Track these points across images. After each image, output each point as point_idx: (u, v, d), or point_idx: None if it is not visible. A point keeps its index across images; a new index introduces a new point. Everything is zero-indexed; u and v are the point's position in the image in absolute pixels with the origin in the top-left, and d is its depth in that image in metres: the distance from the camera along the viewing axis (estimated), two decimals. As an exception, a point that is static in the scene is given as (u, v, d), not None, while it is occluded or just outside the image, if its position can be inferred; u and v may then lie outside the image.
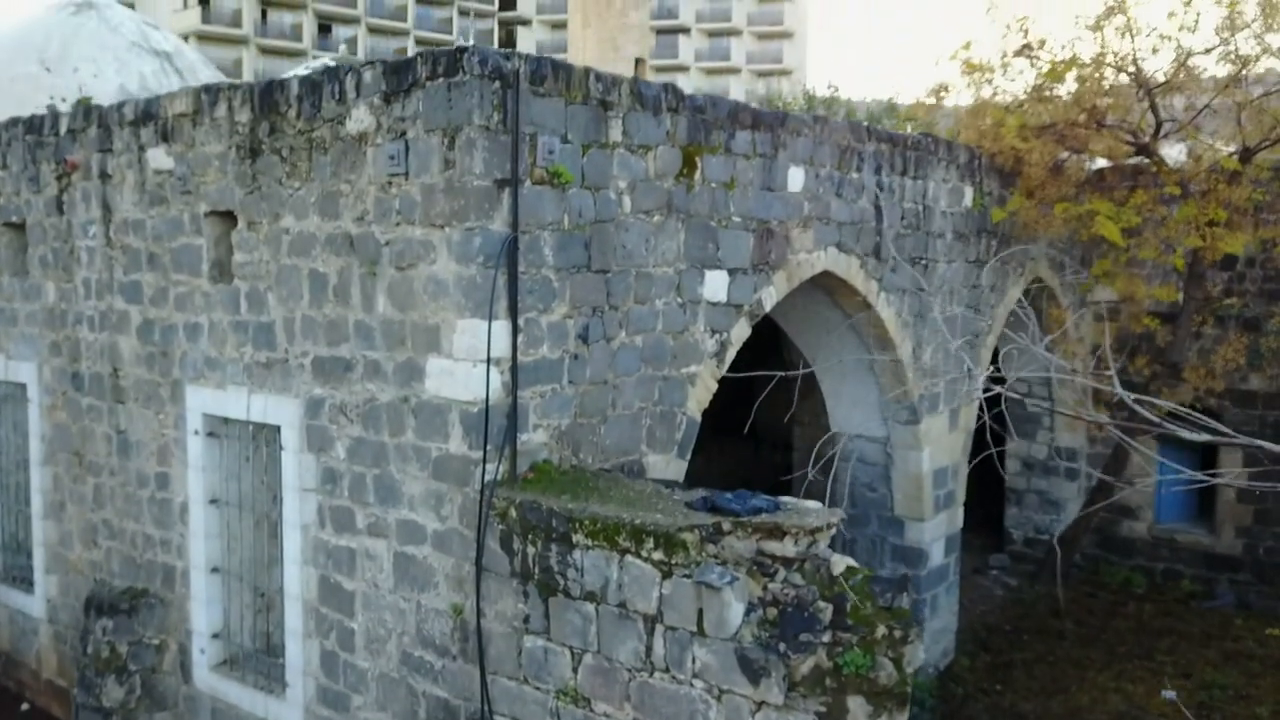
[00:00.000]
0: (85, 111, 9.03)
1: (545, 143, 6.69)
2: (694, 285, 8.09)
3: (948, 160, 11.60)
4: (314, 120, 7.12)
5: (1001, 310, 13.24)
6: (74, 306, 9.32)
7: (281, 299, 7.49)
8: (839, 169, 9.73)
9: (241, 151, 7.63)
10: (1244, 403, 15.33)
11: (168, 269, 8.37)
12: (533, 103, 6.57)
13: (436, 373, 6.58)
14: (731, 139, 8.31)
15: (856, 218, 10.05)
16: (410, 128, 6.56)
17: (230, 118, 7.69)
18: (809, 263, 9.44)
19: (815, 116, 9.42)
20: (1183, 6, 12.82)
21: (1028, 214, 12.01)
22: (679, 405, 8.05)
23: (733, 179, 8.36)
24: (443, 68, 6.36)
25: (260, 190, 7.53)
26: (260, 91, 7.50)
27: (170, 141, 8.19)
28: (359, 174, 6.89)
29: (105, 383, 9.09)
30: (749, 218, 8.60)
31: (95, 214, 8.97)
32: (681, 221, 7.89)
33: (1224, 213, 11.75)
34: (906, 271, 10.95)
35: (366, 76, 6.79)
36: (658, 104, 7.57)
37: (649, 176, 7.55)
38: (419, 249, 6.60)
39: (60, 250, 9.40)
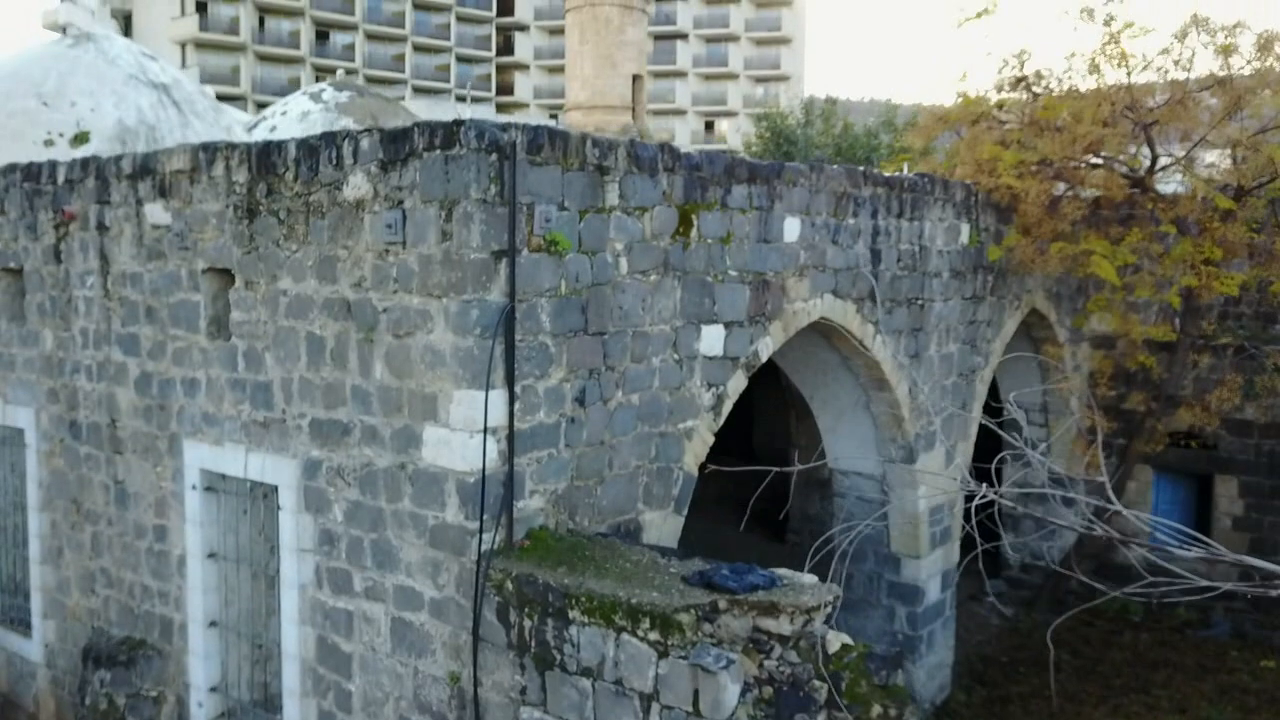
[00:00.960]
0: (83, 163, 9.04)
1: (542, 211, 6.71)
2: (690, 341, 8.12)
3: (944, 199, 11.63)
4: (311, 184, 7.14)
5: (998, 344, 13.28)
6: (71, 355, 9.33)
7: (279, 359, 7.51)
8: (835, 216, 9.76)
9: (239, 211, 7.64)
10: (1240, 432, 15.37)
11: (165, 323, 8.39)
12: (530, 172, 6.59)
13: (433, 442, 6.60)
14: (728, 194, 8.34)
15: (852, 263, 10.08)
16: (407, 197, 6.58)
17: (228, 177, 7.71)
18: (805, 311, 9.47)
19: (811, 164, 9.43)
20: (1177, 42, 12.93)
21: (1024, 252, 12.05)
22: (675, 461, 8.07)
23: (729, 233, 8.39)
24: (440, 140, 6.38)
25: (258, 251, 7.55)
26: (257, 152, 7.51)
27: (168, 197, 8.21)
28: (356, 240, 6.91)
29: (103, 433, 9.11)
30: (745, 270, 8.62)
31: (93, 265, 8.98)
32: (678, 279, 7.92)
33: (1219, 251, 11.80)
34: (903, 313, 10.98)
35: (364, 144, 6.81)
36: (654, 165, 7.59)
37: (645, 237, 7.58)
38: (416, 318, 6.62)
39: (58, 299, 9.41)
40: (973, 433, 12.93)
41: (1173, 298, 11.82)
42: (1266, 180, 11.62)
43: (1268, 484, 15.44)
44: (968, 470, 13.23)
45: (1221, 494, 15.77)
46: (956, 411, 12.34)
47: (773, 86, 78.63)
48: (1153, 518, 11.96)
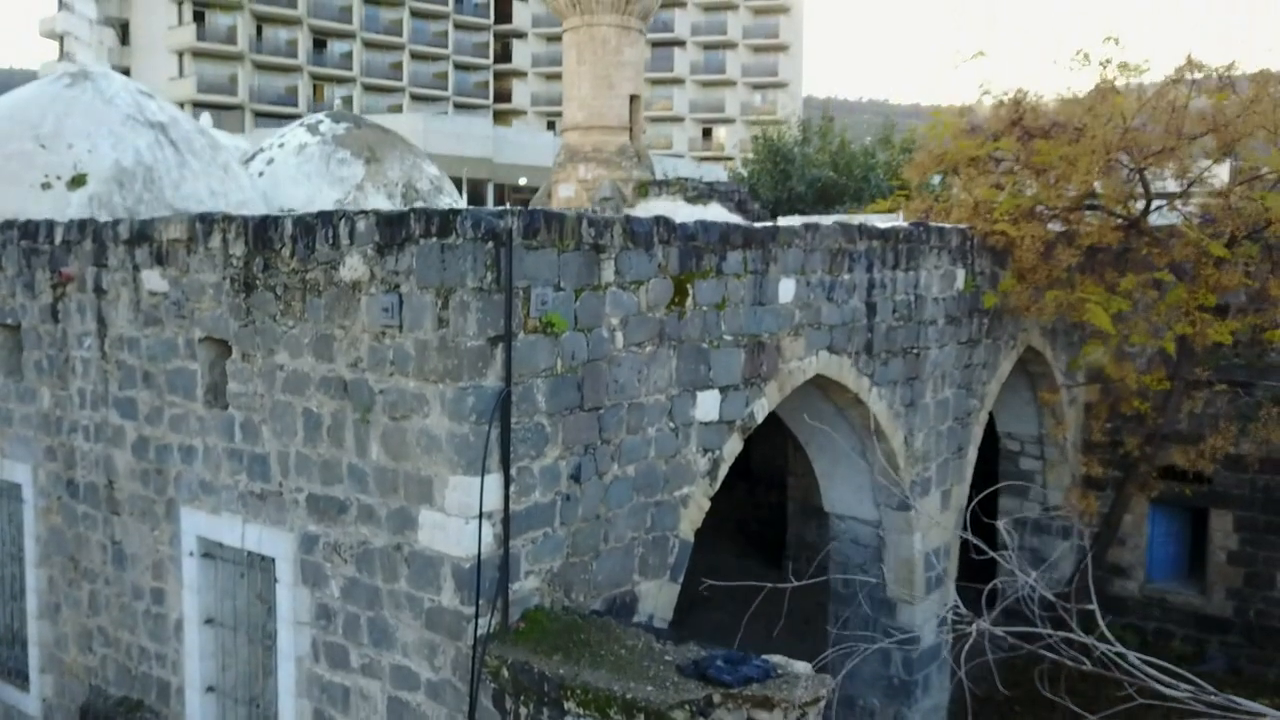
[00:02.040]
0: (80, 225, 9.07)
1: (539, 294, 6.75)
2: (686, 408, 8.15)
3: (940, 247, 11.67)
4: (308, 262, 7.17)
5: (994, 385, 13.32)
6: (69, 415, 9.36)
7: (276, 433, 7.54)
8: (830, 273, 9.80)
9: (235, 284, 7.67)
10: (1235, 466, 15.41)
11: (163, 389, 8.41)
12: (525, 257, 6.63)
13: (429, 525, 6.63)
14: (723, 261, 8.37)
15: (848, 318, 10.12)
16: (404, 282, 6.61)
17: (224, 249, 7.74)
18: (800, 370, 9.51)
19: (806, 225, 9.47)
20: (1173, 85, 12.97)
21: (1019, 298, 12.09)
22: (671, 529, 8.11)
23: (724, 299, 8.42)
24: (436, 227, 6.41)
25: (254, 324, 7.58)
26: (254, 226, 7.55)
27: (165, 265, 8.24)
28: (353, 320, 6.94)
29: (100, 493, 9.13)
30: (740, 334, 8.66)
31: (90, 327, 9.01)
32: (673, 348, 7.96)
33: (1212, 297, 11.84)
34: (898, 363, 11.02)
35: (360, 225, 6.85)
36: (649, 239, 7.63)
37: (641, 310, 7.61)
38: (412, 401, 6.65)
39: (55, 358, 9.44)
40: (968, 475, 12.97)
41: (1167, 344, 11.86)
42: (1262, 227, 11.66)
43: (1262, 519, 15.49)
44: (964, 513, 13.31)
45: (1217, 528, 15.82)
46: (952, 457, 12.39)
47: (770, 93, 78.77)
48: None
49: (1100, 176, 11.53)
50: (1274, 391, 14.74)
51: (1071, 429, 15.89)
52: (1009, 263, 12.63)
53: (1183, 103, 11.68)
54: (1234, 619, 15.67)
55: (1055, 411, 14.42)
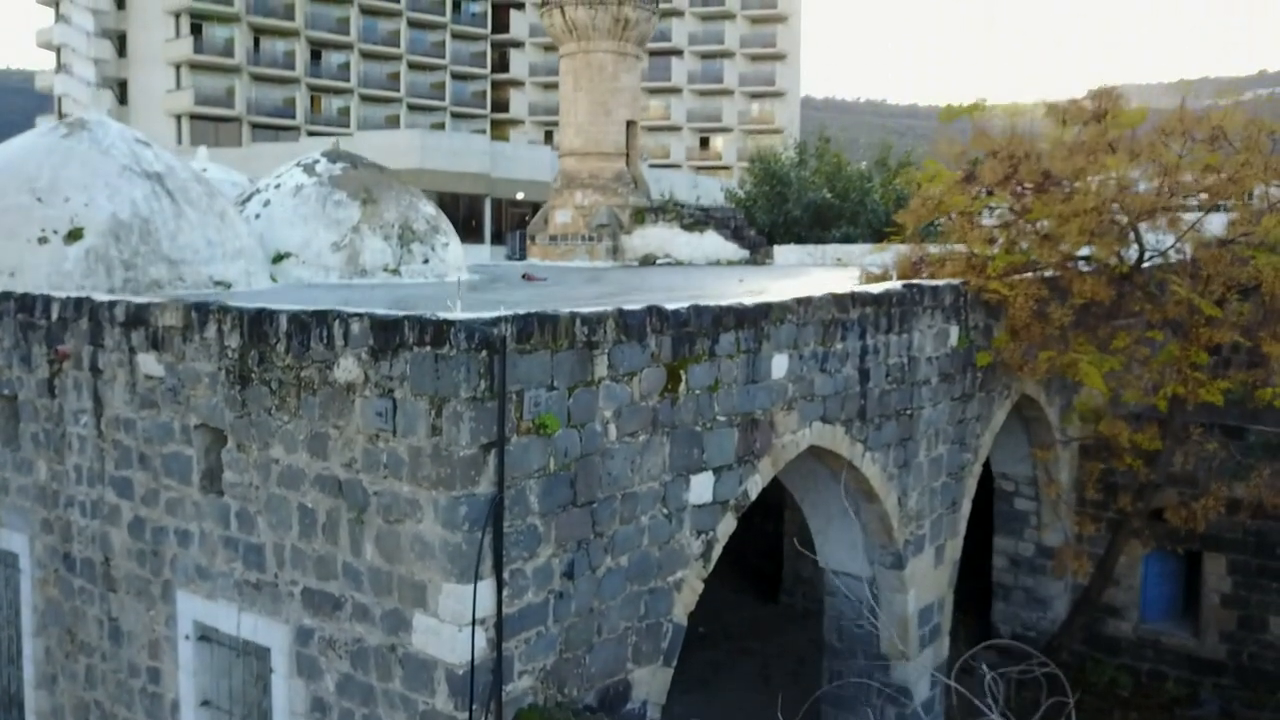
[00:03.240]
0: (76, 303, 9.11)
1: (532, 396, 6.80)
2: (679, 493, 8.20)
3: (933, 306, 11.73)
4: (303, 359, 7.21)
5: (987, 438, 13.38)
6: (65, 489, 9.40)
7: (271, 525, 7.58)
8: (823, 344, 9.85)
9: (231, 376, 7.72)
10: (1228, 510, 15.47)
11: (159, 472, 8.46)
12: (519, 362, 6.68)
13: (422, 629, 6.67)
14: (715, 344, 8.42)
15: (840, 387, 10.17)
16: (398, 388, 6.66)
17: (220, 340, 7.78)
18: (794, 443, 9.56)
19: (799, 300, 9.51)
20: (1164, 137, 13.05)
21: (1012, 356, 12.15)
22: (665, 615, 8.16)
23: (717, 381, 8.47)
24: (430, 336, 6.46)
25: (250, 416, 7.62)
26: (250, 319, 7.59)
27: (160, 350, 8.28)
28: (347, 421, 6.98)
29: (97, 569, 9.17)
30: (734, 413, 8.71)
31: (86, 404, 9.05)
32: (666, 435, 8.01)
33: (1205, 355, 11.90)
34: (892, 426, 11.08)
35: (354, 328, 6.89)
36: (642, 330, 7.68)
37: (634, 400, 7.66)
38: (406, 506, 6.69)
39: (52, 432, 9.48)
40: (962, 528, 13.03)
41: (1160, 402, 11.93)
42: (1253, 286, 11.72)
43: (1255, 563, 15.55)
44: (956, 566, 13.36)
45: (1210, 571, 15.88)
46: (946, 512, 12.44)
47: (768, 102, 78.85)
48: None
49: (1093, 237, 11.57)
50: (1266, 437, 14.82)
51: (1066, 469, 15.98)
52: (1003, 315, 12.70)
53: (1174, 164, 11.72)
54: (1227, 662, 15.72)
55: (1049, 468, 14.48)
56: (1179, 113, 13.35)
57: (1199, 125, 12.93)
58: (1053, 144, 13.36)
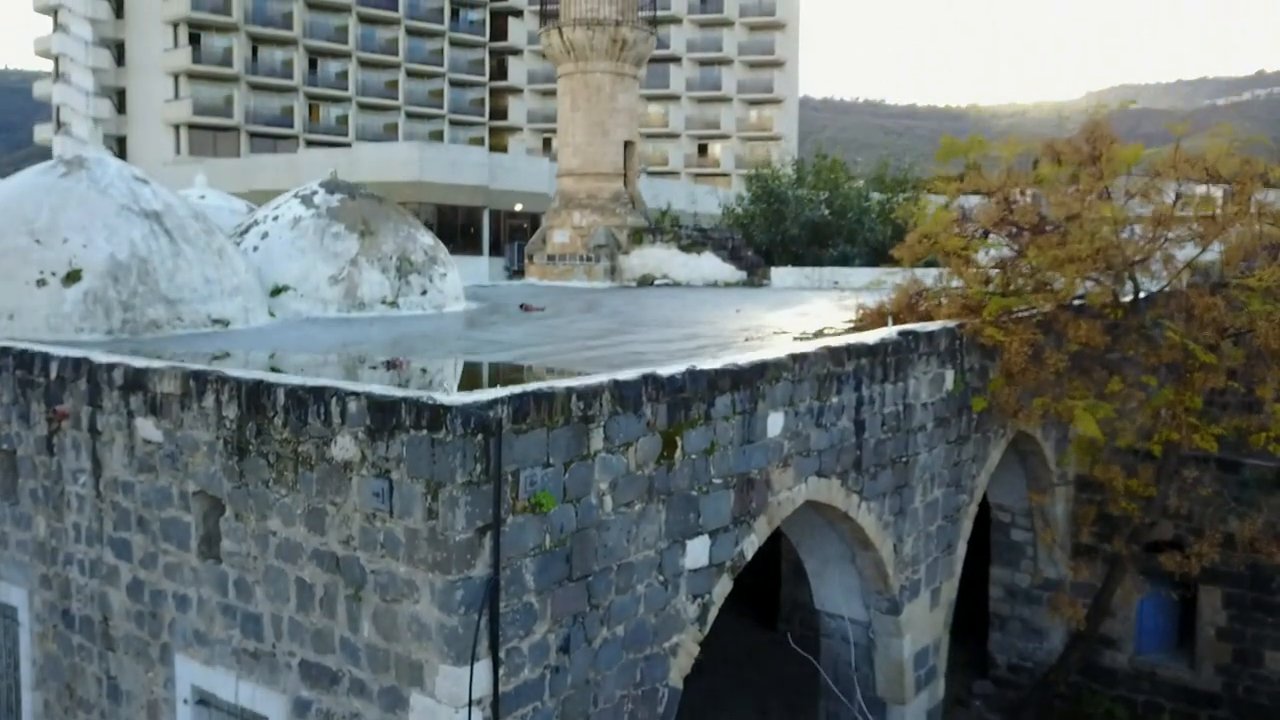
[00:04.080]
0: (75, 363, 9.14)
1: (527, 476, 6.84)
2: (675, 558, 8.24)
3: (929, 352, 11.78)
4: (300, 434, 7.25)
5: (983, 478, 13.43)
6: (64, 546, 9.43)
7: (269, 595, 7.62)
8: (818, 398, 9.89)
9: (229, 446, 7.76)
10: (1223, 543, 15.54)
11: (157, 536, 8.49)
12: (515, 443, 6.72)
13: (420, 709, 6.72)
14: (711, 407, 8.46)
15: (836, 440, 10.21)
16: (394, 469, 6.70)
17: (218, 410, 7.82)
18: (790, 500, 9.61)
19: (793, 355, 9.54)
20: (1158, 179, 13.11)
21: (1007, 402, 12.20)
22: (661, 680, 8.20)
23: (713, 444, 8.52)
24: (426, 420, 6.50)
25: (247, 487, 7.66)
26: (248, 390, 7.62)
27: (159, 415, 8.32)
28: (344, 498, 7.02)
29: (95, 627, 9.21)
30: (729, 475, 8.76)
31: (85, 465, 9.09)
32: (663, 502, 8.05)
33: (1199, 400, 11.96)
34: (887, 475, 11.12)
35: (351, 407, 6.93)
36: (638, 400, 7.72)
37: (630, 470, 7.70)
38: (403, 586, 6.74)
39: (50, 489, 9.51)
40: (958, 569, 13.08)
41: (1154, 447, 11.98)
42: (1246, 330, 11.78)
43: (1250, 596, 15.61)
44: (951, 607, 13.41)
45: (1205, 604, 15.93)
46: (941, 555, 12.49)
47: (766, 109, 78.97)
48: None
49: (1089, 284, 11.63)
50: (1261, 472, 14.88)
51: (1061, 503, 16.04)
52: (999, 356, 12.75)
53: (1168, 214, 11.78)
54: (1223, 695, 15.77)
55: (1045, 513, 14.53)
56: (1173, 154, 13.42)
57: (1192, 168, 12.99)
58: (1048, 184, 13.41)
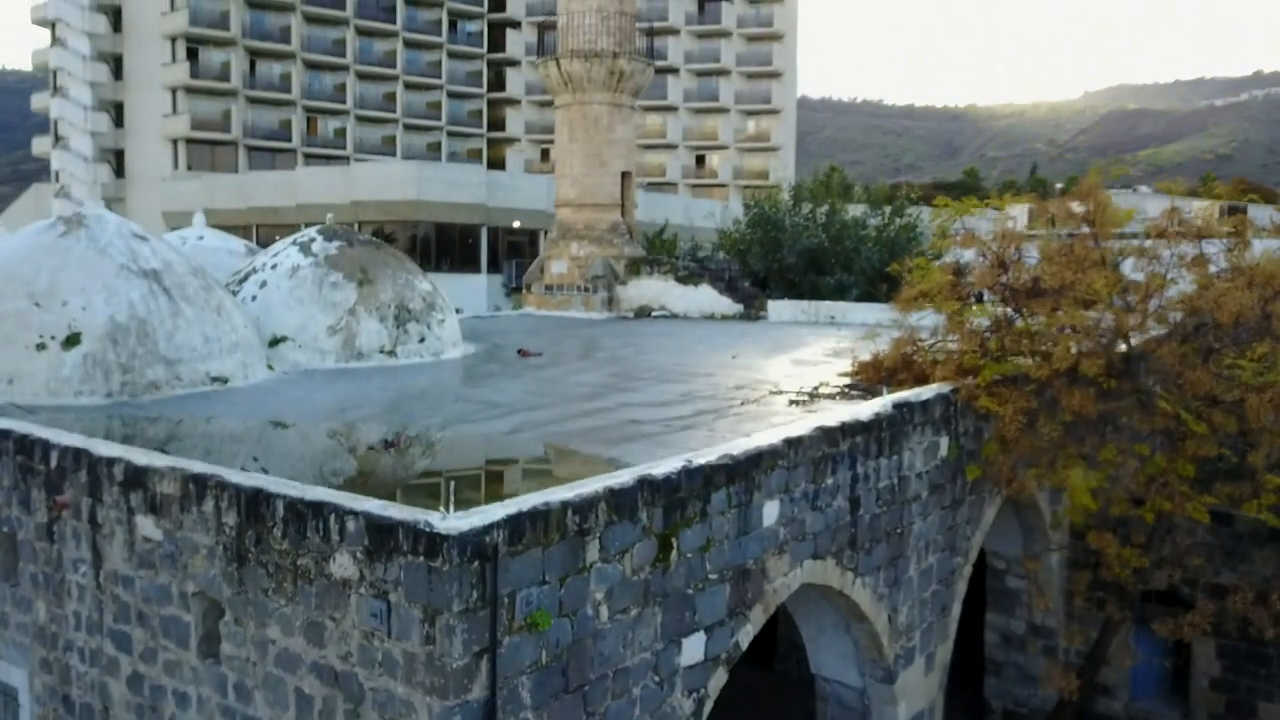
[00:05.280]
0: (75, 454, 9.20)
1: (524, 596, 6.91)
2: (671, 658, 8.31)
3: (924, 421, 11.85)
4: (299, 546, 7.32)
5: (978, 538, 13.52)
6: (65, 633, 9.50)
7: (269, 702, 7.69)
8: (814, 481, 9.96)
9: (229, 552, 7.82)
10: (1216, 594, 15.65)
11: (157, 632, 8.55)
12: (511, 565, 6.78)
13: (418, 829, 6.78)
14: (707, 504, 8.53)
15: (831, 521, 10.29)
16: (392, 591, 6.77)
17: (217, 516, 7.88)
18: (785, 586, 9.68)
19: (788, 441, 9.60)
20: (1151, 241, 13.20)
21: (1000, 470, 12.28)
22: (656, 777, 8.27)
23: (709, 540, 8.59)
24: (423, 547, 6.56)
25: (247, 595, 7.72)
26: (247, 499, 7.68)
27: (159, 515, 8.38)
28: (343, 614, 7.09)
29: (96, 715, 9.27)
30: (725, 569, 8.83)
31: (85, 555, 9.15)
32: (658, 604, 8.12)
33: (1191, 468, 12.04)
34: (882, 548, 11.20)
35: (350, 526, 6.99)
36: (634, 506, 7.78)
37: (626, 577, 7.77)
38: (401, 707, 6.80)
39: (51, 576, 9.58)
40: (952, 631, 13.16)
41: (1146, 514, 12.07)
42: (1238, 399, 11.85)
43: (1244, 647, 15.73)
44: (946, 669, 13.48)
45: (1199, 654, 16.06)
46: (936, 619, 12.57)
47: (764, 119, 79.02)
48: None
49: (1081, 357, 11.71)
50: (1254, 524, 14.97)
51: (1056, 555, 16.14)
52: (993, 420, 12.82)
53: (1159, 284, 11.87)
54: (1216, 745, 15.90)
55: (1038, 577, 14.60)
56: (1167, 215, 13.52)
57: (1184, 234, 13.09)
58: (1042, 247, 13.50)
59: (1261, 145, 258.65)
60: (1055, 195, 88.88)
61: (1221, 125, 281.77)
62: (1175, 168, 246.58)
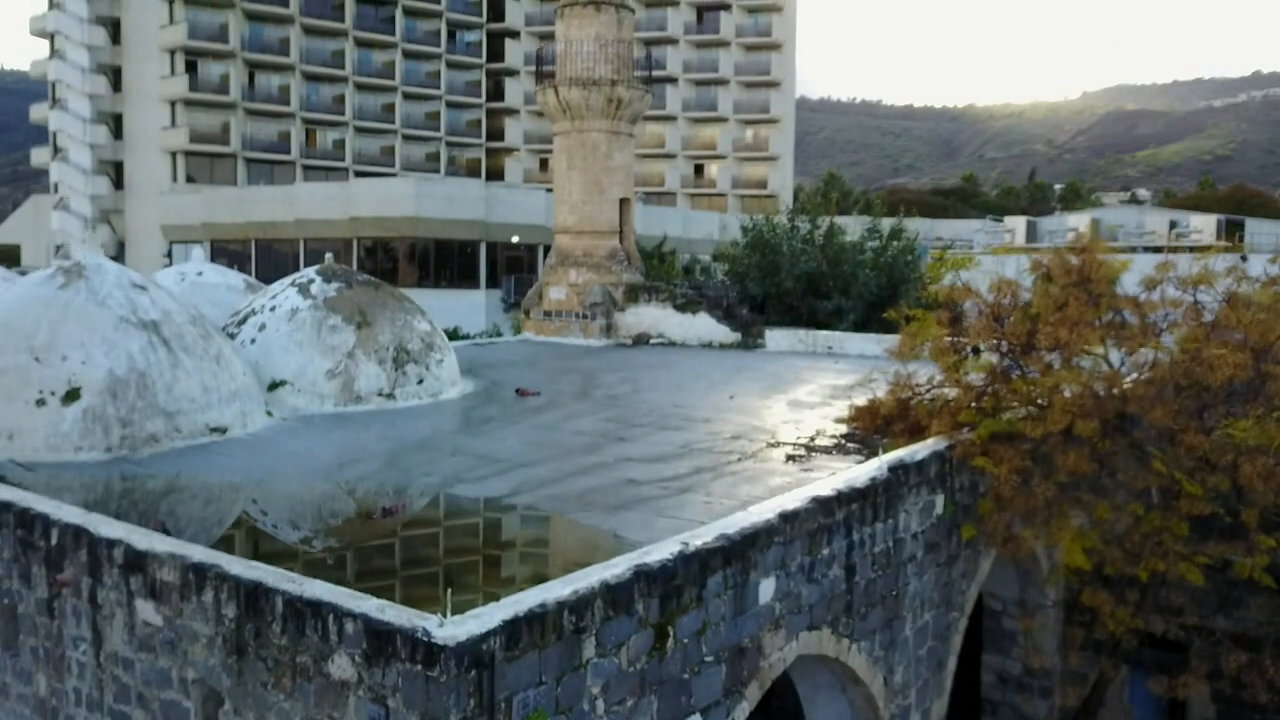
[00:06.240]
0: (75, 533, 9.26)
1: (520, 699, 6.97)
2: (667, 743, 8.38)
3: (919, 482, 11.92)
4: (298, 644, 7.38)
5: (973, 591, 13.59)
6: (65, 708, 9.55)
7: (268, 794, 7.75)
8: (809, 553, 10.03)
9: (228, 644, 7.88)
10: (1211, 638, 15.72)
11: (157, 715, 8.61)
12: (508, 671, 6.84)
13: None
14: (703, 589, 8.59)
15: (827, 590, 10.35)
16: (390, 697, 6.82)
17: (217, 608, 7.94)
18: (781, 660, 9.74)
19: (784, 515, 9.65)
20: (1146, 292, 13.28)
21: (995, 529, 12.35)
22: None
23: (705, 624, 8.64)
24: (421, 656, 6.62)
25: (246, 687, 7.78)
26: (247, 592, 7.74)
27: (159, 600, 8.44)
28: (342, 714, 7.14)
29: (96, 793, 9.34)
30: (721, 650, 8.88)
31: (85, 633, 9.21)
32: (654, 691, 8.18)
33: (1185, 527, 12.11)
34: (878, 612, 11.27)
35: (348, 629, 7.05)
36: (630, 600, 7.83)
37: (622, 669, 7.83)
38: (400, 812, 6.86)
39: (51, 651, 9.63)
40: (948, 684, 13.22)
41: (1141, 573, 12.14)
42: (1230, 463, 11.92)
43: (1238, 694, 15.78)
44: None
45: (1195, 699, 16.13)
46: (932, 675, 12.64)
47: (762, 129, 79.11)
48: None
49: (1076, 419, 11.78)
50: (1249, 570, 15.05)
51: (1052, 596, 16.20)
52: (988, 478, 12.89)
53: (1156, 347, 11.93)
54: (1213, 789, 15.97)
55: (1032, 638, 14.67)
56: (1162, 267, 13.59)
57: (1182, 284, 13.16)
58: (1038, 300, 13.56)
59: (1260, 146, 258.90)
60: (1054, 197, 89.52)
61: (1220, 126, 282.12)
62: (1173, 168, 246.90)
